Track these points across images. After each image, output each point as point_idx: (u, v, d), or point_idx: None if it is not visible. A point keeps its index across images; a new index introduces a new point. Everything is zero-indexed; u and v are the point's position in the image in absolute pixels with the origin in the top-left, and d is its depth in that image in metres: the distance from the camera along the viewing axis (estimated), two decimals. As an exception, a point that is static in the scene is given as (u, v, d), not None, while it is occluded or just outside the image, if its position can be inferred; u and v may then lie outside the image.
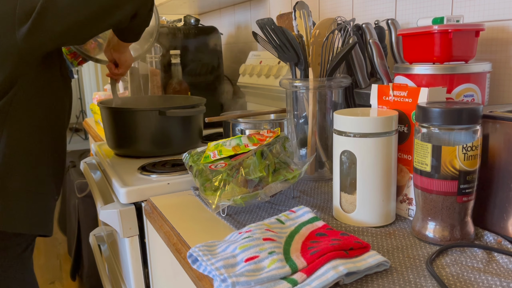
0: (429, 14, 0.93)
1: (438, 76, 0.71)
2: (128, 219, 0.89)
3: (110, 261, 1.34)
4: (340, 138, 0.67)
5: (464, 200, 0.58)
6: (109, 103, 1.22)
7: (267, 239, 0.57)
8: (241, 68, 1.53)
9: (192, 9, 2.07)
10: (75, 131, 5.50)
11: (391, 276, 0.53)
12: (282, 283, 0.49)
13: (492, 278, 0.51)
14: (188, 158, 0.84)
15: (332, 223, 0.69)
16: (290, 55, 0.87)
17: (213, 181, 0.72)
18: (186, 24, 1.64)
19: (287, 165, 0.76)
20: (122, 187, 0.89)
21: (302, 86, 0.87)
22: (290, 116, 0.92)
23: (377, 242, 0.62)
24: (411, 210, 0.69)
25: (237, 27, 1.88)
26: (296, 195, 0.82)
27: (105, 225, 1.39)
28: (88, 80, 4.36)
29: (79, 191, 2.10)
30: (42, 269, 2.53)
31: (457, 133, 0.57)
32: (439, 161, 0.58)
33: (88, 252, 2.06)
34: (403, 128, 0.68)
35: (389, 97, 0.70)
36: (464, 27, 0.72)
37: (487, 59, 0.83)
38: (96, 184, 1.15)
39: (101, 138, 1.46)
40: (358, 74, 0.95)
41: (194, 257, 0.58)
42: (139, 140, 1.10)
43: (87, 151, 2.82)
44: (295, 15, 0.90)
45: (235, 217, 0.73)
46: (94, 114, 1.79)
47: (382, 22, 0.98)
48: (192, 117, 1.13)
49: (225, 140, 0.84)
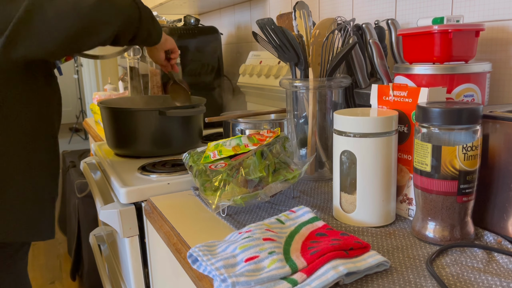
0: (429, 14, 0.93)
1: (438, 76, 0.71)
2: (128, 219, 0.89)
3: (110, 261, 1.34)
4: (340, 138, 0.67)
5: (464, 200, 0.58)
6: (109, 103, 1.22)
7: (267, 239, 0.57)
8: (241, 68, 1.53)
9: (192, 9, 2.07)
10: (75, 131, 5.49)
11: (391, 276, 0.53)
12: (282, 283, 0.49)
13: (492, 278, 0.51)
14: (188, 158, 0.84)
15: (332, 223, 0.69)
16: (290, 55, 0.87)
17: (213, 181, 0.72)
18: (186, 24, 1.64)
19: (287, 165, 0.76)
20: (122, 187, 0.89)
21: (302, 86, 0.87)
22: (290, 116, 0.92)
23: (377, 242, 0.62)
24: (411, 210, 0.69)
25: (237, 27, 1.88)
26: (296, 195, 0.82)
27: (105, 225, 1.39)
28: (88, 80, 4.36)
29: (79, 191, 2.10)
30: (42, 269, 2.53)
31: (457, 133, 0.57)
32: (439, 161, 0.58)
33: (88, 252, 2.06)
34: (403, 128, 0.68)
35: (389, 97, 0.70)
36: (464, 27, 0.72)
37: (487, 59, 0.83)
38: (96, 184, 1.15)
39: (101, 138, 1.46)
40: (358, 74, 0.95)
41: (194, 257, 0.58)
42: (139, 140, 1.10)
43: (87, 151, 2.82)
44: (295, 15, 0.90)
45: (235, 217, 0.73)
46: (94, 114, 1.79)
47: (382, 22, 0.98)
48: (192, 117, 1.13)
49: (225, 140, 0.84)
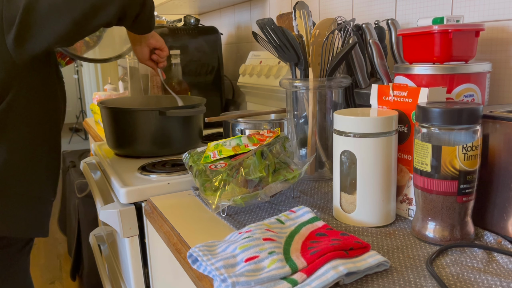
0: (429, 14, 0.93)
1: (438, 76, 0.71)
2: (128, 219, 0.89)
3: (110, 261, 1.34)
4: (340, 138, 0.67)
5: (464, 200, 0.58)
6: (109, 103, 1.22)
7: (267, 239, 0.57)
8: (241, 68, 1.53)
9: (192, 9, 2.07)
10: (75, 131, 5.48)
11: (391, 276, 0.53)
12: (282, 283, 0.49)
13: (492, 278, 0.51)
14: (188, 158, 0.84)
15: (332, 223, 0.69)
16: (290, 55, 0.87)
17: (213, 181, 0.72)
18: (186, 24, 1.64)
19: (287, 165, 0.76)
20: (122, 187, 0.89)
21: (302, 86, 0.87)
22: (290, 116, 0.92)
23: (377, 242, 0.62)
24: (411, 210, 0.69)
25: (237, 27, 1.88)
26: (296, 195, 0.82)
27: (105, 225, 1.39)
28: (88, 80, 4.35)
29: (79, 191, 2.10)
30: (42, 269, 2.53)
31: (457, 133, 0.57)
32: (439, 161, 0.58)
33: (88, 252, 2.06)
34: (403, 128, 0.68)
35: (389, 97, 0.70)
36: (464, 27, 0.72)
37: (487, 59, 0.83)
38: (96, 184, 1.15)
39: (101, 138, 1.46)
40: (358, 74, 0.95)
41: (194, 257, 0.58)
42: (139, 140, 1.10)
43: (87, 151, 2.82)
44: (295, 15, 0.90)
45: (235, 217, 0.73)
46: (94, 114, 1.79)
47: (382, 22, 0.98)
48: (192, 117, 1.13)
49: (225, 140, 0.84)
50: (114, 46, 1.43)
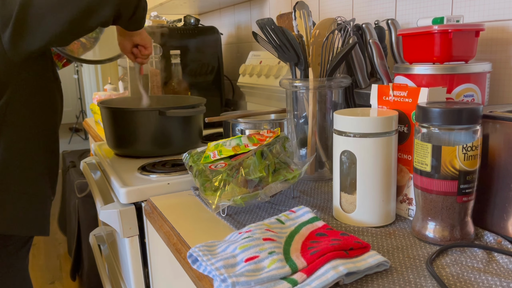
0: (429, 14, 0.93)
1: (438, 76, 0.71)
2: (128, 219, 0.89)
3: (110, 261, 1.34)
4: (340, 138, 0.67)
5: (464, 200, 0.58)
6: (109, 103, 1.22)
7: (267, 239, 0.57)
8: (241, 68, 1.53)
9: (192, 9, 2.08)
10: (75, 131, 5.48)
11: (391, 276, 0.53)
12: (282, 283, 0.49)
13: (492, 278, 0.51)
14: (188, 158, 0.84)
15: (332, 223, 0.69)
16: (290, 55, 0.87)
17: (213, 181, 0.72)
18: (186, 24, 1.64)
19: (287, 165, 0.76)
20: (122, 187, 0.89)
21: (302, 86, 0.87)
22: (290, 116, 0.92)
23: (377, 242, 0.62)
24: (411, 210, 0.69)
25: (237, 27, 1.88)
26: (296, 195, 0.82)
27: (105, 225, 1.39)
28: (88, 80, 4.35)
29: (79, 191, 2.10)
30: (42, 269, 2.53)
31: (457, 133, 0.57)
32: (439, 161, 0.58)
33: (88, 252, 2.06)
34: (403, 128, 0.68)
35: (389, 97, 0.70)
36: (464, 27, 0.72)
37: (487, 59, 0.83)
38: (96, 184, 1.15)
39: (101, 138, 1.46)
40: (358, 74, 0.95)
41: (194, 257, 0.58)
42: (139, 140, 1.10)
43: (87, 151, 2.82)
44: (295, 15, 0.90)
45: (235, 217, 0.73)
46: (94, 114, 1.79)
47: (382, 22, 0.98)
48: (192, 117, 1.13)
49: (225, 140, 0.84)
50: (113, 47, 1.43)
